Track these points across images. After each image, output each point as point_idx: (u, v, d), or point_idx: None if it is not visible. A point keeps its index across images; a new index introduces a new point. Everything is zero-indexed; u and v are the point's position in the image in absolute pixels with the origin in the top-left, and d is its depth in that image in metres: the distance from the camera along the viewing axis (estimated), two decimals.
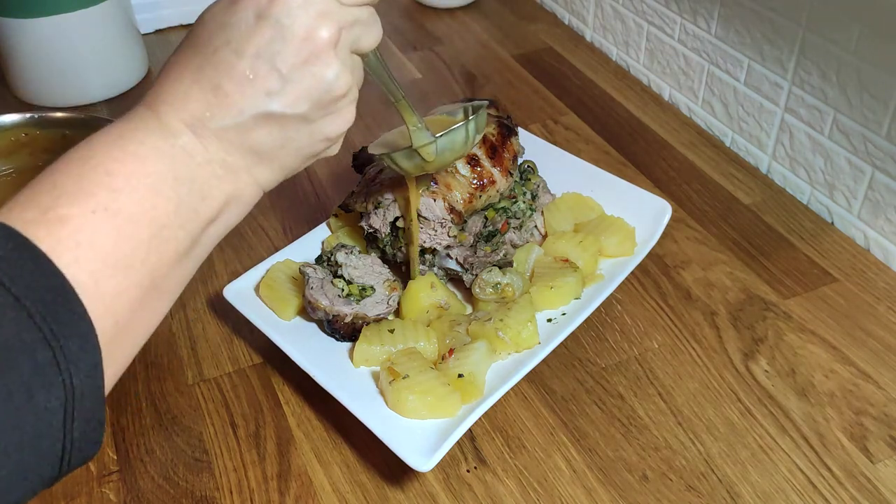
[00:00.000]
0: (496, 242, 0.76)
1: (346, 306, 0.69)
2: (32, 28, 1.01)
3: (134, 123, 0.43)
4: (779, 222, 0.88)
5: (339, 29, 0.44)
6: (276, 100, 0.44)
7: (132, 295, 0.41)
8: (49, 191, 0.40)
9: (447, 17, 1.31)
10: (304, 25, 0.43)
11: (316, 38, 0.43)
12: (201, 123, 0.43)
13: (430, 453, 0.58)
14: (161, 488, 0.62)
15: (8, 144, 0.79)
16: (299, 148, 0.47)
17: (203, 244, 0.45)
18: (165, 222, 0.42)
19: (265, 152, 0.45)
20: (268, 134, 0.45)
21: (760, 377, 0.70)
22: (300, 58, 0.43)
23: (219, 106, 0.43)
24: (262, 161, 0.46)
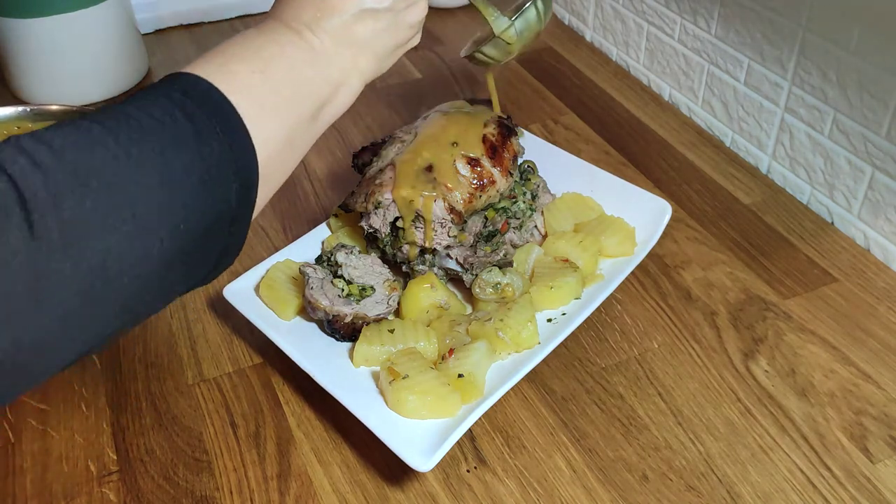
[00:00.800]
0: (496, 242, 0.76)
1: (346, 306, 0.69)
2: (32, 28, 1.01)
3: (268, 27, 0.56)
4: (779, 222, 0.88)
5: None
6: None
7: (279, 138, 0.52)
8: (219, 56, 0.52)
9: (447, 17, 1.31)
10: None
11: None
12: (316, 23, 0.56)
13: (430, 453, 0.58)
14: (161, 488, 0.62)
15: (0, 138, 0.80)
16: (390, 37, 0.60)
17: (323, 118, 0.57)
18: (299, 89, 0.54)
19: (365, 42, 0.58)
20: (365, 27, 0.58)
21: (760, 377, 0.70)
22: None
23: (325, 9, 0.56)
24: (362, 51, 0.58)
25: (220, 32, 1.26)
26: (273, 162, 0.53)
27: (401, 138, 0.76)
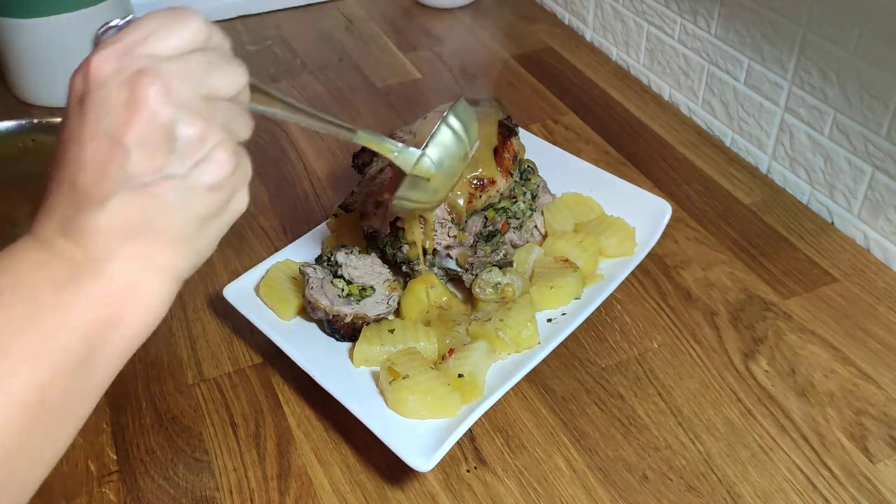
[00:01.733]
0: (496, 242, 0.76)
1: (346, 306, 0.69)
2: (32, 28, 1.01)
3: (12, 250, 0.42)
4: (779, 222, 0.88)
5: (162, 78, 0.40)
6: (129, 171, 0.40)
7: (17, 415, 0.37)
8: None
9: (447, 17, 1.31)
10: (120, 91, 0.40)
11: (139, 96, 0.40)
12: (71, 224, 0.40)
13: (430, 453, 0.58)
14: (161, 488, 0.62)
15: (15, 151, 0.78)
16: (183, 211, 0.42)
17: (108, 352, 0.41)
18: (49, 332, 0.39)
19: (148, 229, 0.41)
20: (141, 209, 0.40)
21: (760, 377, 0.70)
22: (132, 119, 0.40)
23: (81, 202, 0.40)
24: (150, 241, 0.41)
25: None
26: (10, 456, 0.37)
27: (401, 138, 0.76)
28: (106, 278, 0.41)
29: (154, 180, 0.40)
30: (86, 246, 0.40)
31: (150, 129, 0.40)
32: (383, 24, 1.28)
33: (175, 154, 0.40)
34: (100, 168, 0.40)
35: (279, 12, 1.32)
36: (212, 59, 0.42)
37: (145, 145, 0.40)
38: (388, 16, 1.30)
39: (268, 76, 1.15)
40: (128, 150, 0.40)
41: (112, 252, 0.41)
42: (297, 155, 0.99)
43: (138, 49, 0.40)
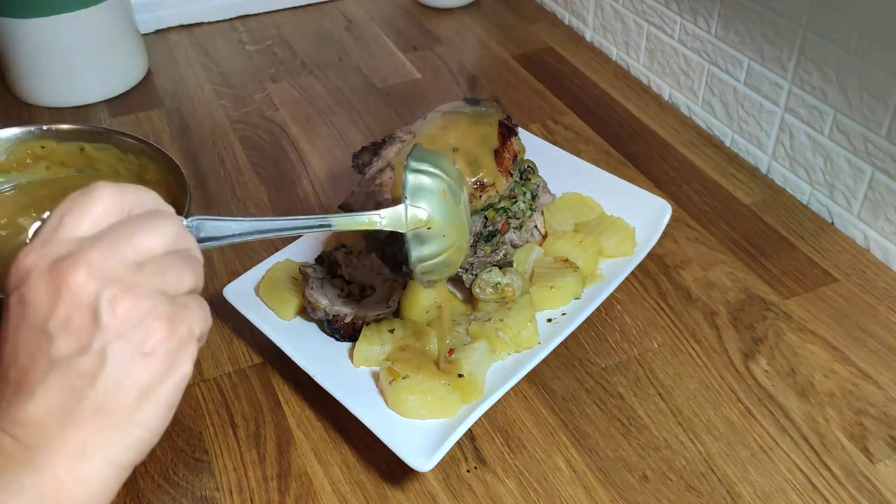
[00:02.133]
0: (496, 242, 0.76)
1: (346, 306, 0.69)
2: (32, 28, 1.01)
3: None
4: (779, 222, 0.88)
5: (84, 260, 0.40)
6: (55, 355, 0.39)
7: None
8: None
9: (447, 17, 1.31)
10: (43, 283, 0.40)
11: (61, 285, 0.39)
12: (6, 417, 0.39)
13: (430, 453, 0.58)
14: (161, 488, 0.62)
15: (23, 157, 0.77)
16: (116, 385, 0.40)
17: None
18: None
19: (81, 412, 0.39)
20: (70, 389, 0.39)
21: (760, 377, 0.70)
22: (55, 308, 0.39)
23: (12, 395, 0.40)
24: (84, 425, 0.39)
25: (220, 32, 1.26)
26: None
27: (401, 138, 0.76)
28: (43, 475, 0.39)
29: (79, 359, 0.39)
30: (22, 439, 0.39)
31: (72, 311, 0.39)
32: (383, 24, 1.28)
33: (100, 330, 0.39)
34: (29, 359, 0.40)
35: (279, 12, 1.32)
36: (133, 223, 0.42)
37: (69, 328, 0.39)
38: (388, 16, 1.30)
39: (268, 76, 1.15)
40: (51, 336, 0.39)
41: (47, 444, 0.39)
42: (297, 155, 0.99)
43: (56, 235, 0.40)
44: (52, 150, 0.78)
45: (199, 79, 1.14)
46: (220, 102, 1.09)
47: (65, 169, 0.79)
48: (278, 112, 1.07)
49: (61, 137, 0.78)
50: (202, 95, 1.11)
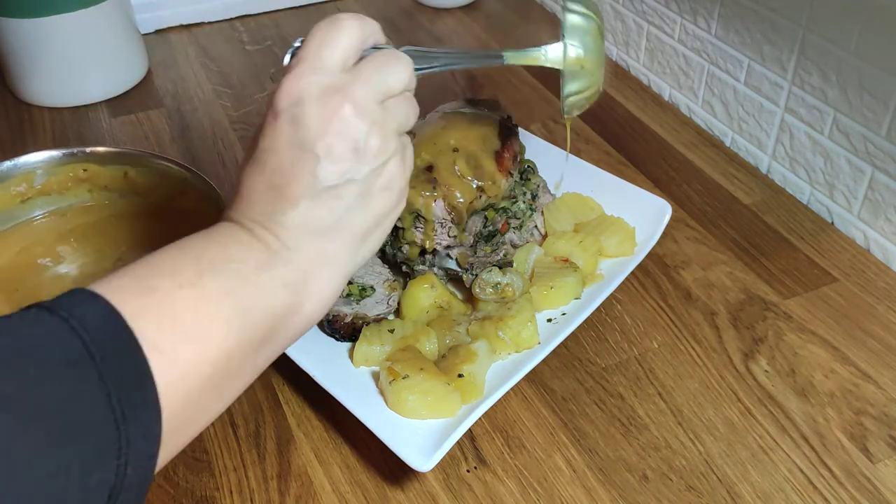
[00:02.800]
0: (496, 242, 0.76)
1: (346, 306, 0.69)
2: (32, 28, 1.01)
3: (215, 229, 0.47)
4: (779, 222, 0.88)
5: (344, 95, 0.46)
6: (320, 175, 0.46)
7: (205, 371, 0.42)
8: (144, 266, 0.43)
9: (447, 17, 1.31)
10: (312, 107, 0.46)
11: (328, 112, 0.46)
12: (269, 218, 0.47)
13: (430, 453, 0.58)
14: (161, 488, 0.62)
15: (65, 179, 0.76)
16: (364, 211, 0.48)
17: (283, 334, 0.47)
18: (246, 305, 0.44)
19: (332, 227, 0.47)
20: (327, 209, 0.47)
21: (760, 377, 0.70)
22: (323, 133, 0.46)
23: (276, 200, 0.46)
24: (332, 237, 0.48)
25: (220, 32, 1.26)
26: (189, 406, 0.41)
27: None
28: (294, 267, 0.46)
29: (339, 184, 0.47)
30: (280, 237, 0.46)
31: (337, 140, 0.46)
32: (383, 24, 1.27)
33: (358, 161, 0.47)
34: (294, 174, 0.46)
35: (279, 12, 1.32)
36: (379, 61, 0.49)
37: (332, 154, 0.46)
38: (388, 16, 1.30)
39: (268, 76, 1.15)
40: (318, 158, 0.46)
41: (301, 246, 0.47)
42: None
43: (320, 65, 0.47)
44: (95, 173, 0.76)
45: (199, 79, 1.14)
46: (220, 102, 1.09)
47: (108, 193, 0.78)
48: None
49: (104, 161, 0.77)
50: (202, 95, 1.11)
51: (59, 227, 0.75)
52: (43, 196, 0.76)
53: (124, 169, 0.77)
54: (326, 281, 0.48)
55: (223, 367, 0.43)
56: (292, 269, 0.46)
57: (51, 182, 0.76)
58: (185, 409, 0.41)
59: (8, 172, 0.74)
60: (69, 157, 0.76)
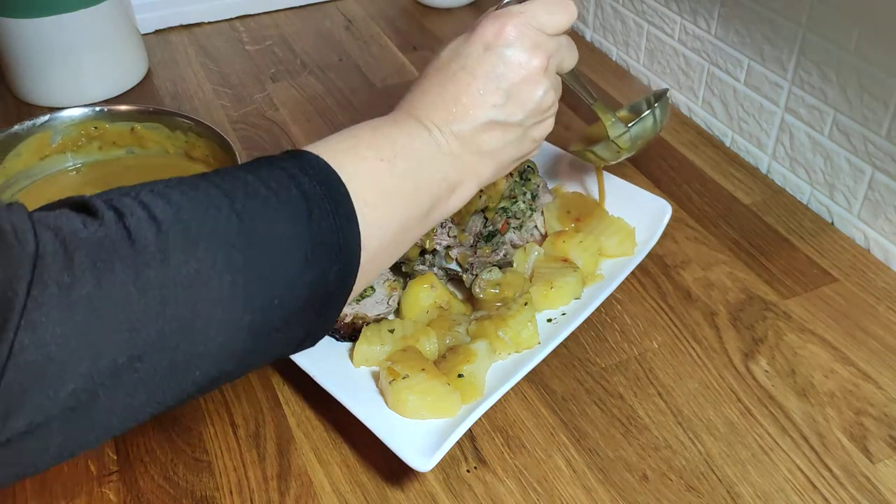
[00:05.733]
0: (496, 242, 0.76)
1: (346, 306, 0.69)
2: (32, 28, 1.01)
3: (400, 118, 0.56)
4: (779, 222, 0.88)
5: (547, 57, 0.57)
6: (500, 111, 0.56)
7: (390, 230, 0.52)
8: (350, 138, 0.53)
9: (447, 17, 1.31)
10: (520, 55, 0.56)
11: (530, 65, 0.57)
12: (446, 125, 0.56)
13: (430, 453, 0.58)
14: (161, 488, 0.62)
15: (77, 137, 0.81)
16: (514, 149, 0.59)
17: (433, 216, 0.56)
18: (421, 184, 0.54)
19: (489, 151, 0.57)
20: (492, 137, 0.57)
21: (760, 377, 0.70)
22: (518, 79, 0.57)
23: (458, 114, 0.56)
24: (485, 159, 0.58)
25: (220, 32, 1.26)
26: (378, 253, 0.52)
27: None
28: (455, 170, 0.56)
29: (510, 122, 0.57)
30: (451, 143, 0.56)
31: (526, 89, 0.57)
32: (383, 24, 1.28)
33: (530, 112, 0.58)
34: (481, 100, 0.56)
35: (279, 12, 1.32)
36: (570, 42, 0.61)
37: (518, 99, 0.57)
38: (388, 16, 1.30)
39: (268, 76, 1.15)
40: (507, 96, 0.56)
41: (463, 156, 0.56)
42: None
43: (534, 22, 0.57)
44: (104, 130, 0.81)
45: (199, 79, 1.14)
46: (220, 102, 1.09)
47: (117, 149, 0.83)
48: (278, 112, 1.07)
49: (112, 118, 0.83)
50: (202, 95, 1.11)
51: (76, 182, 0.81)
52: (59, 154, 0.82)
53: (131, 125, 0.83)
54: (468, 189, 0.58)
55: (400, 227, 0.53)
56: (453, 171, 0.56)
57: (65, 141, 0.82)
58: (375, 254, 0.51)
59: (28, 132, 0.81)
60: (81, 116, 0.82)
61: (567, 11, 0.59)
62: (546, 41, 0.57)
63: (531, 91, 0.57)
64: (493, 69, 0.56)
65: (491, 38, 0.56)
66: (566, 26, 0.59)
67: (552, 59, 0.58)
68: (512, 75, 0.56)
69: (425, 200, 0.55)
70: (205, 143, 0.79)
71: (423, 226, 0.56)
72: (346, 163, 0.51)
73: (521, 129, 0.58)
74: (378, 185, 0.52)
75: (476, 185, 0.58)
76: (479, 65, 0.56)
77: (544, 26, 0.57)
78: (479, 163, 0.57)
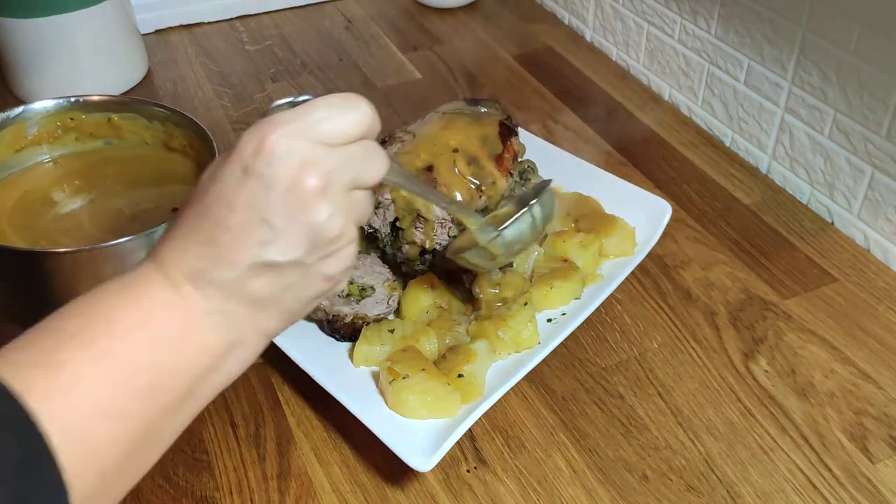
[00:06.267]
0: None
1: (346, 306, 0.69)
2: (32, 28, 1.01)
3: (138, 275, 0.44)
4: (779, 222, 0.88)
5: (326, 174, 0.43)
6: (269, 249, 0.43)
7: (123, 444, 0.40)
8: (52, 334, 0.40)
9: (447, 17, 1.31)
10: (287, 176, 0.42)
11: (301, 188, 0.42)
12: (200, 275, 0.43)
13: (430, 453, 0.58)
14: (161, 488, 0.62)
15: (53, 129, 0.80)
16: (300, 292, 0.46)
17: (202, 393, 0.45)
18: (164, 370, 0.42)
19: (265, 300, 0.44)
20: (264, 283, 0.44)
21: (760, 377, 0.70)
22: (288, 207, 0.42)
23: (215, 258, 0.43)
24: (263, 309, 0.45)
25: (220, 32, 1.26)
26: (111, 477, 0.40)
27: (400, 138, 0.76)
28: (221, 333, 0.44)
29: (284, 262, 0.43)
30: (210, 299, 0.43)
31: (300, 218, 0.43)
32: (383, 24, 1.28)
33: (312, 245, 0.43)
34: (243, 237, 0.43)
35: (279, 12, 1.32)
36: (366, 151, 0.46)
37: (290, 231, 0.43)
38: (388, 16, 1.30)
39: (268, 76, 1.15)
40: (274, 231, 0.42)
41: (230, 311, 0.44)
42: None
43: (309, 133, 0.43)
44: (80, 121, 0.81)
45: (199, 79, 1.14)
46: (220, 102, 1.09)
47: (94, 140, 0.81)
48: None
49: (89, 109, 0.81)
50: (202, 95, 1.11)
51: (55, 174, 0.80)
52: (35, 146, 0.80)
53: (108, 115, 0.81)
54: (251, 345, 0.46)
55: (142, 435, 0.41)
56: (217, 335, 0.44)
57: (41, 132, 0.80)
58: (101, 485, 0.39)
59: (1, 124, 0.79)
60: (56, 107, 0.81)
61: (354, 112, 0.45)
62: (324, 154, 0.43)
63: (307, 220, 0.43)
64: (255, 197, 0.42)
65: (249, 158, 0.42)
66: (356, 132, 0.45)
67: (335, 174, 0.43)
68: (279, 203, 0.42)
69: (178, 385, 0.42)
70: (182, 132, 0.79)
71: (186, 409, 0.44)
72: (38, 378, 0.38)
73: (301, 268, 0.44)
74: (90, 397, 0.39)
75: (262, 339, 0.46)
76: (238, 193, 0.42)
77: (322, 135, 0.43)
78: (256, 315, 0.45)
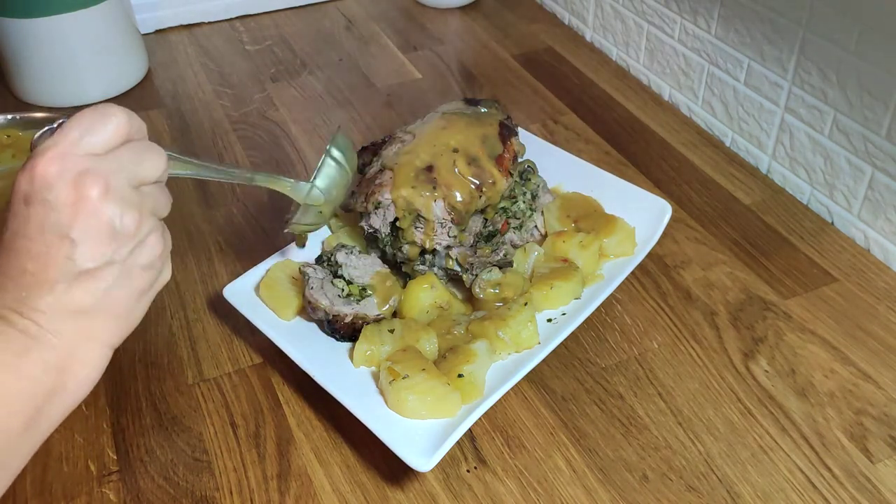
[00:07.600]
0: (496, 242, 0.76)
1: (346, 306, 0.69)
2: (32, 28, 1.01)
3: None
4: (779, 222, 0.88)
5: (102, 179, 0.45)
6: (77, 259, 0.45)
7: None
8: None
9: (447, 17, 1.31)
10: (68, 193, 0.45)
11: (85, 197, 0.45)
12: (23, 304, 0.45)
13: (430, 453, 0.58)
14: (161, 488, 0.62)
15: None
16: (124, 289, 0.48)
17: (49, 415, 0.46)
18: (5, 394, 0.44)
19: (93, 308, 0.47)
20: (86, 291, 0.46)
21: (760, 377, 0.70)
22: (79, 218, 0.45)
23: (30, 286, 0.45)
24: (94, 318, 0.47)
25: (220, 32, 1.26)
26: None
27: (400, 138, 0.76)
28: (55, 351, 0.46)
29: (98, 266, 0.46)
30: (38, 322, 0.45)
31: (94, 223, 0.45)
32: (383, 24, 1.28)
33: (116, 243, 0.46)
34: (50, 258, 0.45)
35: (279, 12, 1.32)
36: (137, 149, 0.48)
37: (90, 238, 0.45)
38: (388, 16, 1.30)
39: (268, 76, 1.15)
40: (75, 243, 0.45)
41: (61, 328, 0.46)
42: (297, 155, 0.99)
43: (75, 150, 0.45)
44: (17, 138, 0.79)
45: (199, 79, 1.14)
46: (220, 102, 1.09)
47: None
48: (278, 112, 1.07)
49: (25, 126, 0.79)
50: (202, 95, 1.11)
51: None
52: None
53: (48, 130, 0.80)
54: (91, 357, 0.48)
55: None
56: (53, 353, 0.46)
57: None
58: None
59: None
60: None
61: (109, 120, 0.47)
62: (95, 164, 0.46)
63: (101, 223, 0.46)
64: (46, 221, 0.45)
65: (26, 190, 0.45)
66: (117, 137, 0.47)
67: (112, 177, 0.46)
68: (70, 218, 0.45)
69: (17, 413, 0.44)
70: None
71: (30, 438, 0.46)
72: None
73: (116, 266, 0.47)
74: None
75: (103, 350, 0.49)
76: (28, 223, 0.45)
77: (86, 148, 0.46)
78: (88, 325, 0.47)
